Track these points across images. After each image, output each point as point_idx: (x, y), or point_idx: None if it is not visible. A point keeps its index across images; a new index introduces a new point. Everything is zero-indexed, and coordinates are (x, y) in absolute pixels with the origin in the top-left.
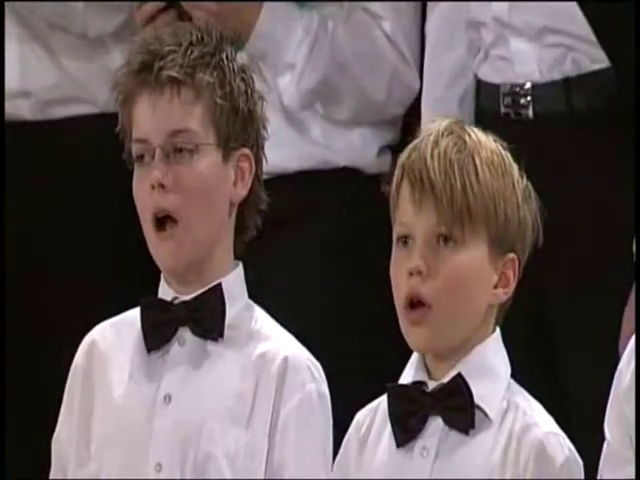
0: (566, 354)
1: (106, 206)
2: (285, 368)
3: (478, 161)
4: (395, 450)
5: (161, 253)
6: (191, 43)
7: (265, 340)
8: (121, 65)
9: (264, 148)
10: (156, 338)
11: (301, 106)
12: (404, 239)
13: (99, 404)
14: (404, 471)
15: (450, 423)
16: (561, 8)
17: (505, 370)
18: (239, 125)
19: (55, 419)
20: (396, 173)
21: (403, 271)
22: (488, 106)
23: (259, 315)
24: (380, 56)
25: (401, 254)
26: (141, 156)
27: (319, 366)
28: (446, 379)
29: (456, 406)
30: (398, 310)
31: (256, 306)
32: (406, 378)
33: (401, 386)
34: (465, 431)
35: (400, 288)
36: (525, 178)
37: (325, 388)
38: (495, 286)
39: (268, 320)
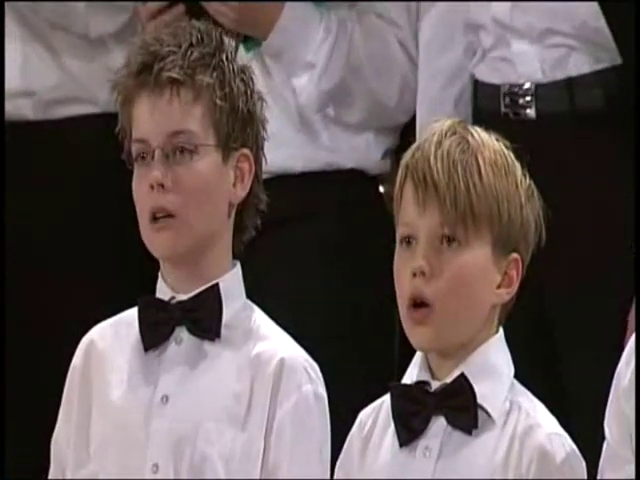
0: (566, 354)
1: (106, 206)
2: (281, 369)
3: (481, 161)
4: (398, 450)
5: (157, 242)
6: (191, 44)
7: (262, 340)
8: (121, 66)
9: (264, 149)
10: (153, 337)
11: (317, 106)
12: (407, 239)
13: (97, 405)
14: (407, 471)
15: (453, 423)
16: (563, 9)
17: (508, 370)
18: (239, 126)
19: (55, 419)
20: (399, 173)
21: (406, 272)
22: (487, 106)
23: (257, 315)
24: (393, 61)
25: (404, 255)
26: (141, 156)
27: (316, 367)
28: (449, 379)
29: (459, 406)
30: (401, 310)
31: (254, 306)
32: (409, 378)
33: (404, 386)
34: (468, 431)
35: (403, 288)
36: (528, 178)
37: (322, 389)
38: (498, 286)
39: (265, 320)
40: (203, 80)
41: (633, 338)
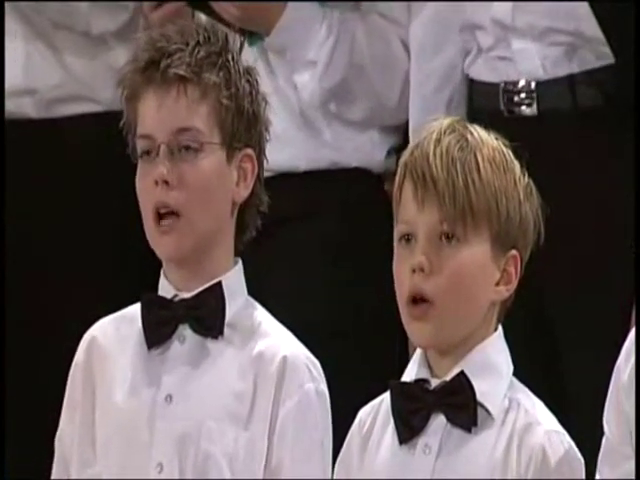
0: (566, 352)
1: (107, 205)
2: (284, 368)
3: (480, 159)
4: (398, 447)
5: (162, 242)
6: (198, 42)
7: (264, 338)
8: (127, 61)
9: (265, 150)
10: (156, 335)
11: (319, 104)
12: (407, 237)
13: (100, 404)
14: (406, 468)
15: (453, 421)
16: (564, 8)
17: (507, 368)
18: (243, 126)
19: (55, 419)
20: (398, 171)
21: (406, 269)
22: (486, 105)
23: (259, 312)
24: (395, 60)
25: (404, 252)
26: (146, 152)
27: (318, 364)
28: (449, 377)
29: (459, 404)
30: (401, 307)
31: (256, 303)
32: (409, 375)
33: (404, 384)
34: (468, 429)
35: (403, 285)
36: (527, 175)
37: (324, 386)
38: (497, 283)
39: (267, 317)
40: (210, 79)
41: (632, 334)
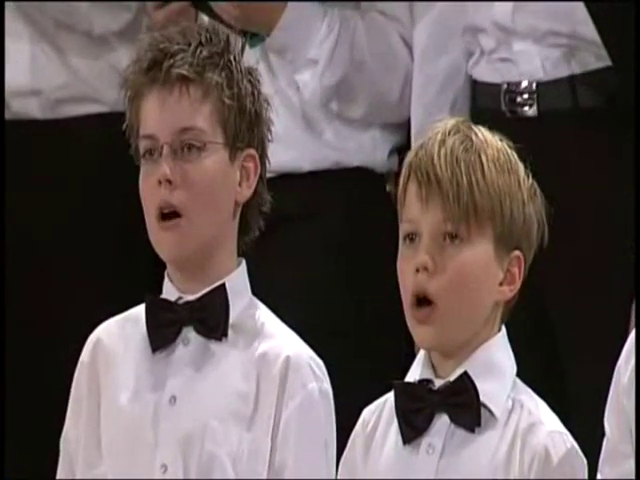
0: (567, 353)
1: (112, 206)
2: (287, 368)
3: (484, 159)
4: (401, 447)
5: (164, 243)
6: (200, 43)
7: (267, 338)
8: (130, 62)
9: (267, 150)
10: (161, 338)
11: (321, 102)
12: (411, 236)
13: (105, 406)
14: (410, 468)
15: (456, 421)
16: (564, 11)
17: (511, 368)
18: (246, 126)
19: (56, 419)
20: (403, 172)
21: (410, 268)
22: (488, 105)
23: (262, 313)
24: (395, 57)
25: (408, 252)
26: (149, 152)
27: (321, 363)
28: (452, 377)
29: (462, 404)
30: (405, 307)
31: (259, 303)
32: (413, 376)
33: (408, 384)
34: (471, 429)
35: (407, 285)
36: (530, 177)
37: (327, 385)
38: (501, 283)
39: (270, 317)
40: (212, 78)
41: (632, 335)
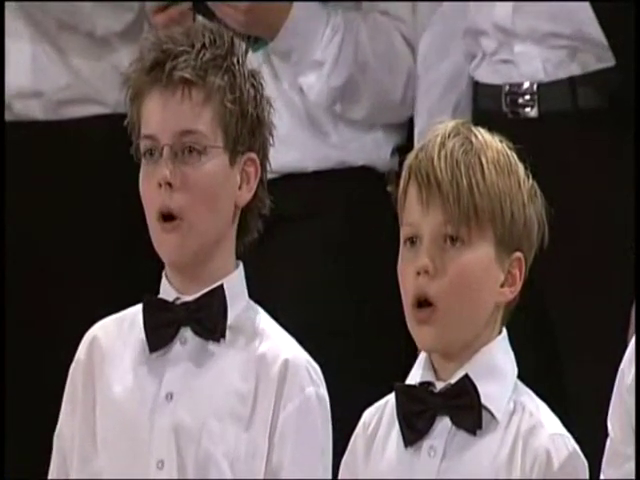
0: (567, 354)
1: (113, 206)
2: (285, 371)
3: (484, 161)
4: (403, 449)
5: (165, 245)
6: (203, 45)
7: (265, 341)
8: (132, 61)
9: (269, 154)
10: (158, 338)
11: (327, 104)
12: (411, 239)
13: (101, 402)
14: (411, 470)
15: (458, 423)
16: (565, 12)
17: (512, 370)
18: (247, 130)
19: (56, 419)
20: (403, 174)
21: (411, 271)
22: (489, 107)
23: (260, 315)
24: (398, 57)
25: (408, 254)
26: (149, 152)
27: (318, 368)
28: (453, 379)
29: (463, 406)
30: (406, 310)
31: (257, 306)
32: (414, 378)
33: (409, 386)
34: (472, 431)
35: (408, 288)
36: (531, 178)
37: (324, 391)
38: (502, 285)
39: (268, 320)
40: (215, 82)
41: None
